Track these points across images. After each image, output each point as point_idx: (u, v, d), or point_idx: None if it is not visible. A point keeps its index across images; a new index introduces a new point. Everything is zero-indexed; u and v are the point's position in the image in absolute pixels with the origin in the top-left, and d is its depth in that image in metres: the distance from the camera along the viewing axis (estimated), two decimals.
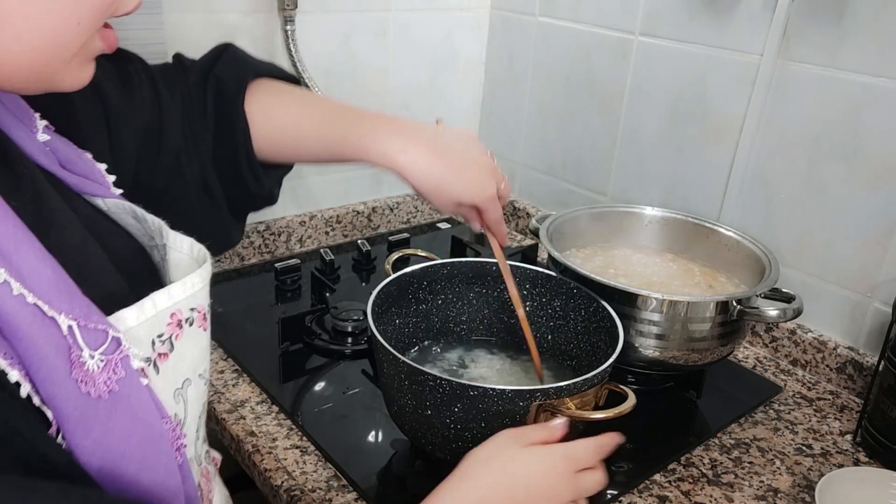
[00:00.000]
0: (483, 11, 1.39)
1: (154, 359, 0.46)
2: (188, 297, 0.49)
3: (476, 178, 0.75)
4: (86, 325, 0.40)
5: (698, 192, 1.14)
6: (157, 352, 0.46)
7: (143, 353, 0.45)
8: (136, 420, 0.42)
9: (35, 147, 0.51)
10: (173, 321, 0.48)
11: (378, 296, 0.80)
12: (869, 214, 0.95)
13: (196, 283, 0.50)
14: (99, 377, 0.40)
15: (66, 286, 0.41)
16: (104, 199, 0.55)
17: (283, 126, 0.74)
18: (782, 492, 0.81)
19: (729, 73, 1.06)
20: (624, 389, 0.71)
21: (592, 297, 0.83)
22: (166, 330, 0.47)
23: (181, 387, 0.49)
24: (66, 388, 0.38)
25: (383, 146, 0.72)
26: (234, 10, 1.09)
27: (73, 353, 0.39)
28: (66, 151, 0.54)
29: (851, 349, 1.00)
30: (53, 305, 0.39)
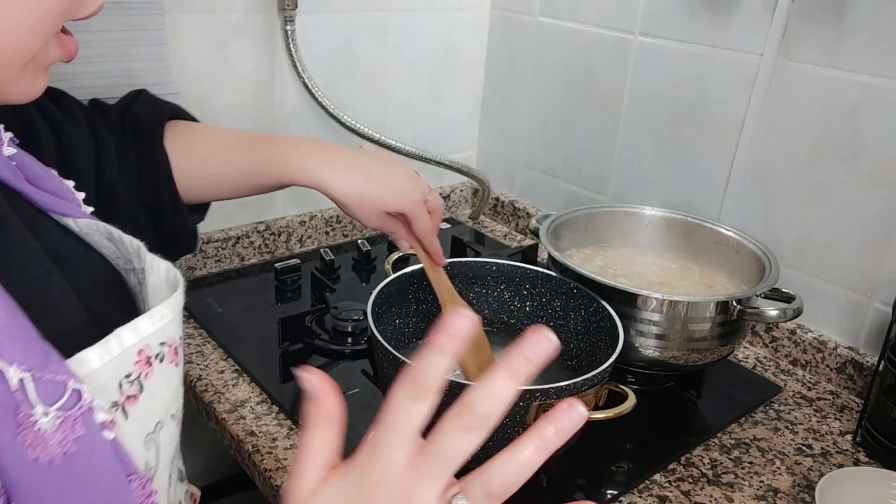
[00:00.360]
0: (483, 11, 1.39)
1: (122, 403, 0.41)
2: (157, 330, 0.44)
3: (399, 184, 0.73)
4: (41, 376, 0.35)
5: (698, 192, 1.14)
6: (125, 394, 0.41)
7: (109, 399, 0.40)
8: (96, 484, 0.37)
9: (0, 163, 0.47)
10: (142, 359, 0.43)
11: (378, 296, 0.80)
12: (869, 214, 0.95)
13: (166, 314, 0.45)
14: (53, 438, 0.35)
15: (22, 330, 0.36)
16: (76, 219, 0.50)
17: (202, 159, 0.72)
18: (782, 492, 0.81)
19: (729, 73, 1.06)
20: (624, 389, 0.71)
21: (592, 297, 0.83)
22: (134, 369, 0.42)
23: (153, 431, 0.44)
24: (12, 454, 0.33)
25: (302, 162, 0.71)
26: (234, 10, 1.09)
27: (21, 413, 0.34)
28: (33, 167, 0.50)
29: (851, 349, 1.00)
30: (3, 355, 0.34)
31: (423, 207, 0.74)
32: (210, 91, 1.11)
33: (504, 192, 1.48)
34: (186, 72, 1.07)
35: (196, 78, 1.09)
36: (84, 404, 0.37)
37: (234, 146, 0.73)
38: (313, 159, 0.71)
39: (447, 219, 1.48)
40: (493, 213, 1.49)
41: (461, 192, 1.51)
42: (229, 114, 1.14)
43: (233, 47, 1.11)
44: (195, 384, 0.91)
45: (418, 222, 0.74)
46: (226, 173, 0.73)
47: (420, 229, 0.75)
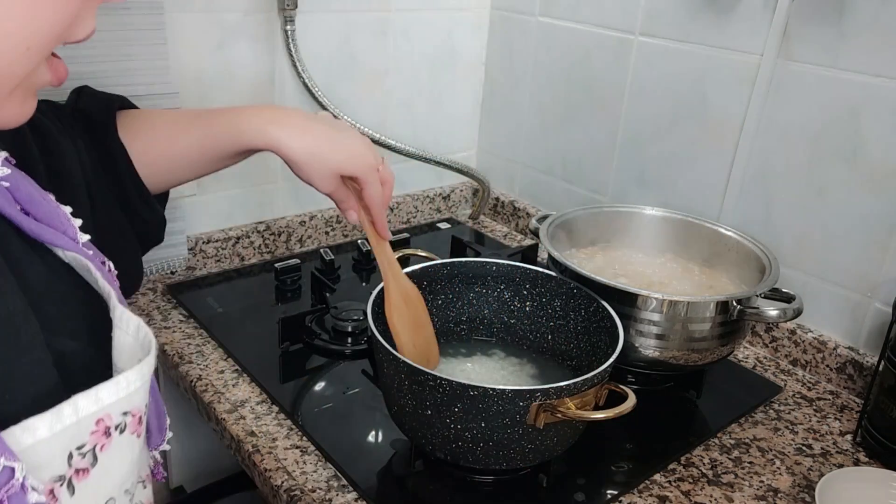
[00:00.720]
0: (483, 11, 1.39)
1: (69, 477, 0.37)
2: (121, 399, 0.40)
3: (354, 147, 0.71)
4: None
5: (698, 192, 1.14)
6: (75, 467, 0.37)
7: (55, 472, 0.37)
8: None
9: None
10: (99, 429, 0.39)
11: (378, 296, 0.80)
12: (869, 214, 0.95)
13: (133, 381, 0.41)
14: None
15: None
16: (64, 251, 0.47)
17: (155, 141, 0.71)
18: (782, 492, 0.81)
19: (729, 73, 1.06)
20: (624, 389, 0.71)
21: (592, 297, 0.83)
22: (89, 440, 0.38)
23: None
24: None
25: (255, 124, 0.69)
26: (234, 9, 1.09)
27: None
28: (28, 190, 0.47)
29: (851, 349, 1.00)
30: None
31: (375, 174, 0.72)
32: (210, 91, 1.11)
33: (504, 192, 1.48)
34: (186, 72, 1.07)
35: (196, 78, 1.09)
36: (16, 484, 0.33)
37: (184, 123, 0.71)
38: (266, 120, 0.69)
39: (447, 219, 1.48)
40: (493, 213, 1.49)
41: (461, 192, 1.51)
42: None
43: (233, 47, 1.11)
44: (195, 384, 0.91)
45: (369, 188, 0.73)
46: (180, 151, 0.71)
47: (370, 196, 0.73)
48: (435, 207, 1.47)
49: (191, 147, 0.70)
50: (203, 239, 1.16)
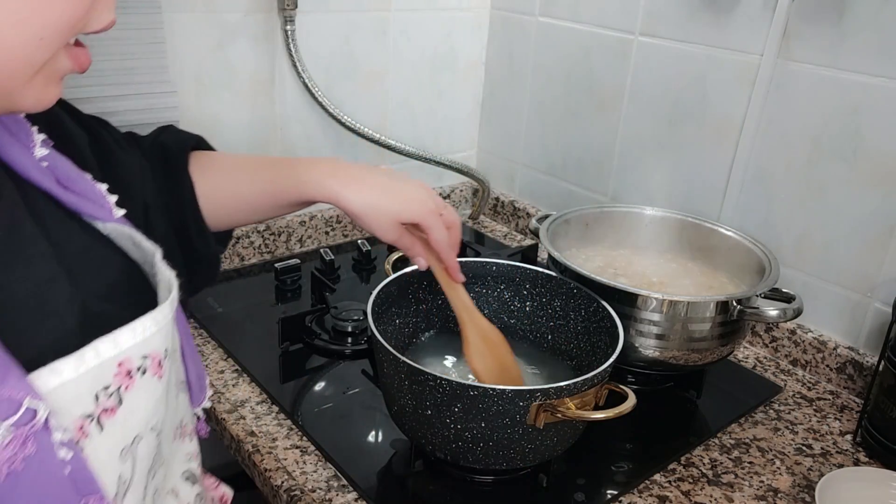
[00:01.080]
0: (483, 11, 1.39)
1: (97, 415, 0.41)
2: (138, 343, 0.44)
3: (412, 194, 0.73)
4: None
5: (698, 192, 1.14)
6: (102, 406, 0.41)
7: (83, 411, 0.40)
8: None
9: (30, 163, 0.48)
10: (121, 371, 0.43)
11: (378, 296, 0.80)
12: (869, 214, 0.95)
13: (148, 327, 0.45)
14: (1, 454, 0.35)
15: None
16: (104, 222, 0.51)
17: (222, 182, 0.74)
18: (782, 492, 0.81)
19: (729, 73, 1.06)
20: (624, 389, 0.71)
21: (592, 297, 0.83)
22: (113, 381, 0.42)
23: (130, 444, 0.43)
24: None
25: (314, 176, 0.71)
26: (234, 10, 1.09)
27: None
28: (66, 168, 0.51)
29: (851, 349, 1.00)
30: None
31: (437, 218, 0.73)
32: (210, 91, 1.11)
33: (504, 192, 1.48)
34: (186, 72, 1.07)
35: (196, 78, 1.09)
36: (38, 423, 0.36)
37: (251, 169, 0.75)
38: (326, 173, 0.71)
39: None
40: (493, 213, 1.49)
41: (461, 192, 1.51)
42: (229, 114, 1.14)
43: (233, 47, 1.11)
44: None
45: (433, 232, 0.73)
46: (244, 195, 0.74)
47: (436, 240, 0.74)
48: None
49: (254, 193, 0.73)
50: None
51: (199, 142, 0.77)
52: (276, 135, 1.21)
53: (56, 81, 0.43)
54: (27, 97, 0.42)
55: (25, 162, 0.47)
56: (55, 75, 0.43)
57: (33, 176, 0.47)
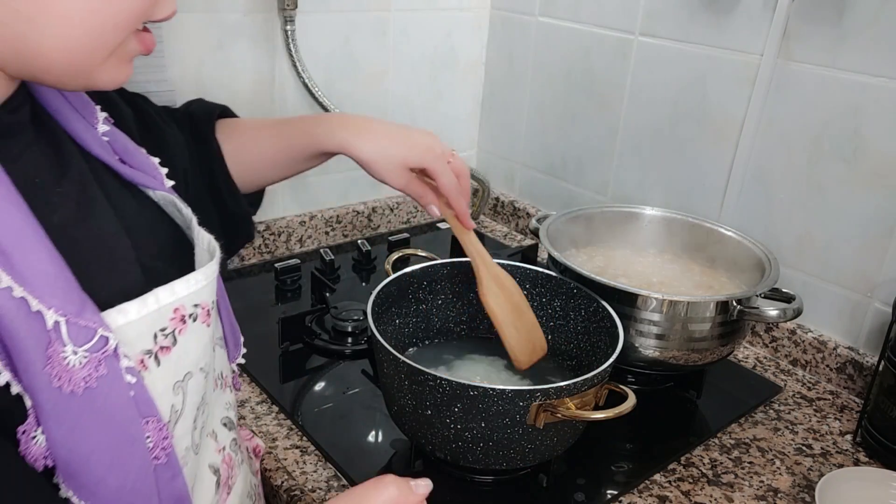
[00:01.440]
0: (483, 11, 1.39)
1: (156, 352, 0.48)
2: (191, 293, 0.51)
3: (419, 139, 0.76)
4: (75, 321, 0.41)
5: (698, 192, 1.14)
6: (160, 345, 0.48)
7: (144, 347, 0.47)
8: (110, 420, 0.43)
9: (93, 139, 0.54)
10: (176, 316, 0.49)
11: (378, 296, 0.80)
12: (869, 214, 0.95)
13: (199, 280, 0.52)
14: (78, 373, 0.41)
15: (65, 283, 0.42)
16: (154, 190, 0.58)
17: (244, 143, 0.79)
18: (782, 492, 0.81)
19: (729, 73, 1.06)
20: (624, 389, 0.71)
21: (592, 297, 0.83)
22: (169, 324, 0.49)
23: (182, 379, 0.50)
24: (41, 380, 0.40)
25: (325, 128, 0.76)
26: (234, 10, 1.09)
27: (51, 348, 0.40)
28: (124, 143, 0.57)
29: (851, 349, 1.00)
30: (44, 300, 0.40)
31: (445, 163, 0.76)
32: (210, 91, 1.10)
33: (504, 192, 1.48)
34: (186, 72, 1.07)
35: (196, 78, 1.09)
36: (110, 349, 0.43)
37: (269, 128, 0.80)
38: (336, 125, 0.76)
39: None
40: (493, 213, 1.49)
41: None
42: None
43: (233, 47, 1.11)
44: None
45: (442, 178, 0.76)
46: (265, 153, 0.79)
47: (444, 185, 0.76)
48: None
49: (274, 149, 0.79)
50: None
51: (224, 110, 0.84)
52: None
53: (127, 62, 0.49)
54: (103, 75, 0.47)
55: (90, 138, 0.54)
56: (126, 56, 0.48)
57: (95, 150, 0.54)
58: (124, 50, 0.48)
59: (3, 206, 0.41)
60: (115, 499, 0.43)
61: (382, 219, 1.39)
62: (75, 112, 0.54)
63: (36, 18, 0.42)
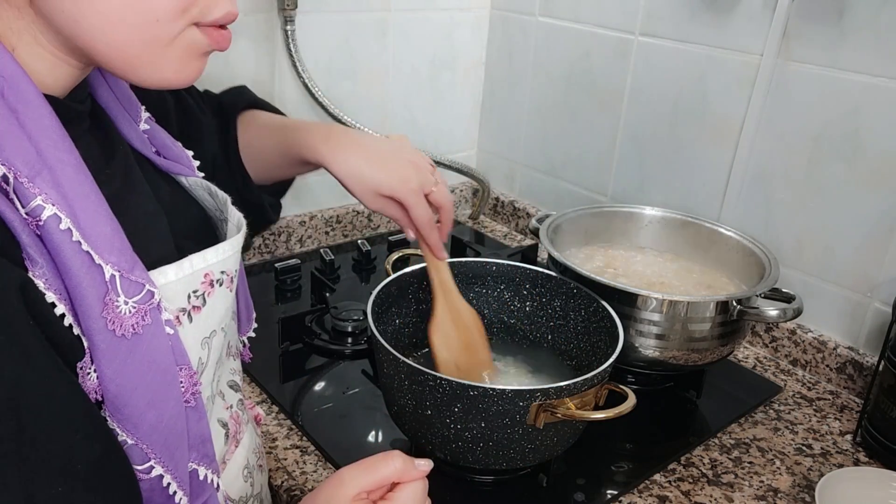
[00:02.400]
0: (483, 11, 1.39)
1: (189, 310, 0.53)
2: (219, 261, 0.56)
3: (397, 170, 0.76)
4: (127, 276, 0.47)
5: (698, 192, 1.14)
6: (192, 305, 0.53)
7: (180, 305, 0.52)
8: (152, 363, 0.48)
9: (135, 135, 0.59)
10: (206, 280, 0.55)
11: (378, 296, 0.80)
12: (869, 214, 0.95)
13: (226, 249, 0.57)
14: (128, 320, 0.46)
15: (120, 243, 0.47)
16: (186, 177, 0.63)
17: (250, 140, 0.82)
18: (782, 492, 0.81)
19: (729, 73, 1.06)
20: (624, 389, 0.71)
21: (592, 297, 0.83)
22: (200, 287, 0.54)
23: (208, 336, 0.55)
24: (98, 324, 0.45)
25: (311, 141, 0.77)
26: None
27: (108, 297, 0.46)
28: (163, 138, 0.63)
29: (851, 349, 1.00)
30: (103, 256, 0.45)
31: (418, 197, 0.76)
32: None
33: (504, 192, 1.48)
34: None
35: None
36: (154, 302, 0.48)
37: (271, 128, 0.83)
38: (320, 138, 0.77)
39: None
40: (493, 213, 1.49)
41: (461, 192, 1.51)
42: None
43: (233, 47, 1.10)
44: None
45: (413, 210, 0.76)
46: (264, 152, 0.82)
47: (416, 218, 0.77)
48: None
49: (269, 150, 0.82)
50: None
51: (254, 101, 0.87)
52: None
53: (196, 57, 0.51)
54: (167, 69, 0.49)
55: (132, 133, 0.59)
56: (192, 51, 0.50)
57: (136, 145, 0.59)
58: (188, 44, 0.49)
59: (74, 173, 0.46)
60: (152, 432, 0.48)
61: (382, 219, 1.39)
62: (122, 110, 0.59)
63: (80, 20, 0.45)
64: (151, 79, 0.50)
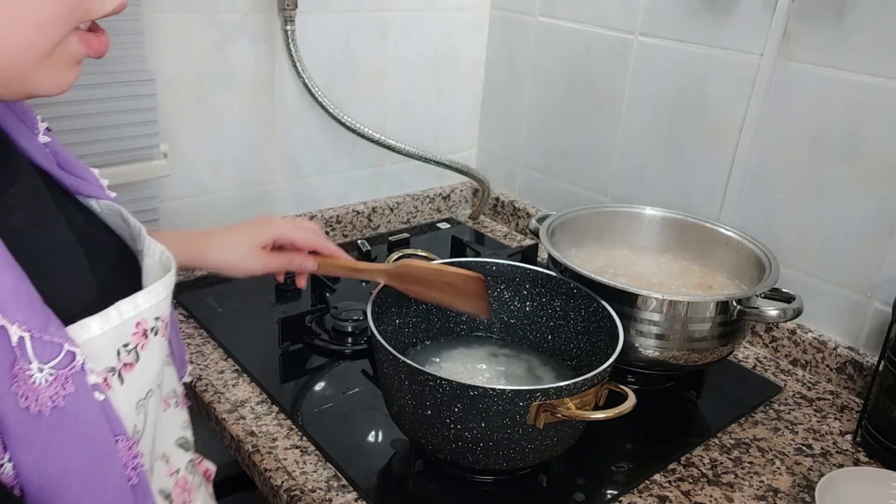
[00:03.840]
0: (483, 11, 1.39)
1: (119, 369, 0.45)
2: (153, 306, 0.48)
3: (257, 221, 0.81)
4: (40, 336, 0.39)
5: (698, 192, 1.14)
6: (123, 362, 0.45)
7: (107, 364, 0.44)
8: (82, 438, 0.41)
9: (35, 148, 0.51)
10: (139, 330, 0.46)
11: (378, 296, 0.80)
12: (869, 214, 0.95)
13: (160, 291, 0.49)
14: (45, 392, 0.38)
15: (27, 295, 0.39)
16: (98, 200, 0.55)
17: None
18: (782, 492, 0.81)
19: (729, 73, 1.06)
20: (624, 389, 0.71)
21: (592, 297, 0.83)
22: (132, 339, 0.46)
23: (144, 398, 0.47)
24: (7, 402, 0.37)
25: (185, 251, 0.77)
26: (234, 10, 1.09)
27: (17, 366, 0.38)
28: (65, 154, 0.54)
29: (851, 349, 1.00)
30: (7, 315, 0.38)
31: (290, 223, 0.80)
32: (210, 91, 1.11)
33: (504, 192, 1.48)
34: (186, 72, 1.07)
35: (196, 77, 1.09)
36: (76, 365, 0.40)
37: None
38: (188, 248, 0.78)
39: (447, 219, 1.48)
40: (493, 213, 1.49)
41: (461, 192, 1.51)
42: (229, 113, 1.14)
43: (233, 47, 1.11)
44: (195, 384, 0.91)
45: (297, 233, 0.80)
46: None
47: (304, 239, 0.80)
48: (435, 207, 1.47)
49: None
50: None
51: None
52: (276, 135, 1.21)
53: (71, 66, 0.44)
54: (42, 81, 0.42)
55: (32, 147, 0.51)
56: (68, 60, 0.43)
57: (38, 159, 0.51)
58: (65, 53, 0.43)
59: None
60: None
61: (382, 219, 1.39)
62: (17, 119, 0.51)
63: None
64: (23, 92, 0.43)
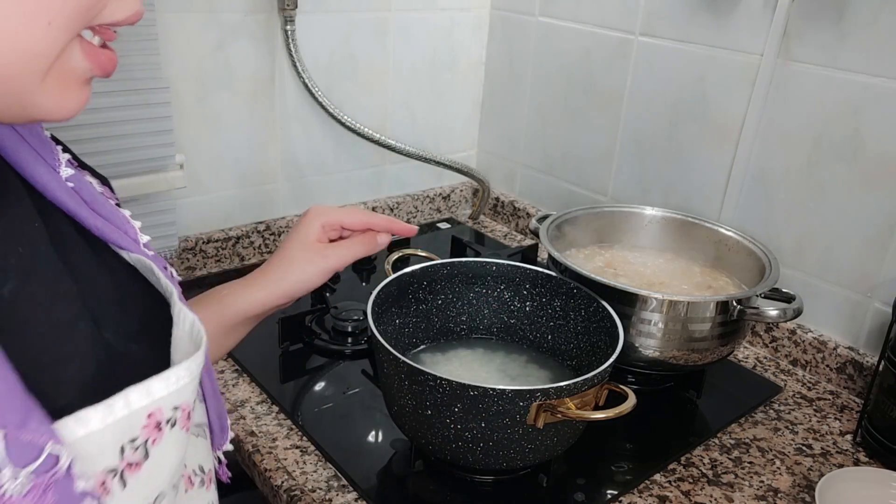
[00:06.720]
0: (483, 11, 1.39)
1: (122, 470, 0.37)
2: (171, 393, 0.39)
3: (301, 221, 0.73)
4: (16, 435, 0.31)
5: (698, 192, 1.14)
6: (127, 461, 0.37)
7: (107, 464, 0.36)
8: None
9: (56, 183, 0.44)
10: (151, 423, 0.38)
11: (378, 296, 0.80)
12: (869, 214, 0.95)
13: (182, 377, 0.40)
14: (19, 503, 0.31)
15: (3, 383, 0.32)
16: (129, 252, 0.47)
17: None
18: (782, 492, 0.81)
19: (729, 73, 1.06)
20: (624, 389, 0.71)
21: (592, 297, 0.83)
22: (141, 434, 0.38)
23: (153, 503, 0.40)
24: None
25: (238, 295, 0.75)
26: (234, 10, 1.09)
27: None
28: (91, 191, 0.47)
29: (851, 349, 1.00)
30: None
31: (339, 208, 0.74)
32: (210, 91, 1.11)
33: (504, 192, 1.48)
34: (186, 72, 1.07)
35: (196, 78, 1.09)
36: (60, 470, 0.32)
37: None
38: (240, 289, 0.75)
39: (447, 219, 1.48)
40: (493, 213, 1.49)
41: (461, 192, 1.51)
42: (229, 114, 1.14)
43: (233, 47, 1.11)
44: None
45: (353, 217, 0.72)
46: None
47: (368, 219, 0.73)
48: (435, 207, 1.47)
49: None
50: (203, 239, 1.16)
51: None
52: (276, 135, 1.21)
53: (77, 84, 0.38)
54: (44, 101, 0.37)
55: (52, 182, 0.43)
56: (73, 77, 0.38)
57: (60, 197, 0.43)
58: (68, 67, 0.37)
59: None
60: None
61: None
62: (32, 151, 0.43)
63: None
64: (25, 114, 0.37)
